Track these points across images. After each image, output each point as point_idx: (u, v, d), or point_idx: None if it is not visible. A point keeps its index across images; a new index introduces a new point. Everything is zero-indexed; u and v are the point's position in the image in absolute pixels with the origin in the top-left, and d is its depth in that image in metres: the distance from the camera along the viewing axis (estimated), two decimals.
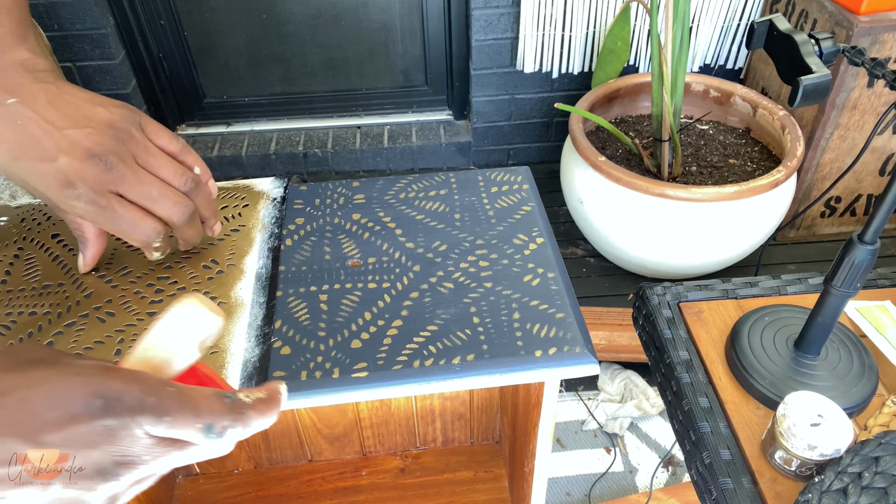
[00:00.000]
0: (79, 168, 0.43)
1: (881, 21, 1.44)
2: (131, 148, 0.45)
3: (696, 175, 1.60)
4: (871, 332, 0.69)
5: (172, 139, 0.49)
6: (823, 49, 0.57)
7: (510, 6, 1.79)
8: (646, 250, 1.54)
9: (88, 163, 0.43)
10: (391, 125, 2.13)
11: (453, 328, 0.50)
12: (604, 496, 1.31)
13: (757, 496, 0.56)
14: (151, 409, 0.32)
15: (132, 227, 0.46)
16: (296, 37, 1.96)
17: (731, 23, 1.83)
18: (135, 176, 0.45)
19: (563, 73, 1.91)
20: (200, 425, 0.33)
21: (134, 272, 0.56)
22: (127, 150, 0.45)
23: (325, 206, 0.62)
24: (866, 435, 0.57)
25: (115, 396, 0.31)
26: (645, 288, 0.76)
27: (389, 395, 0.47)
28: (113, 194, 0.44)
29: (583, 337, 0.50)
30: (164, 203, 0.46)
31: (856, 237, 0.56)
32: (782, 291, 0.75)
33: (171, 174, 0.47)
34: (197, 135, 2.11)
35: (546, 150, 2.11)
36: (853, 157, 1.63)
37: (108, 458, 0.31)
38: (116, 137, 0.45)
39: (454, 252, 0.57)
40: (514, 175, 0.66)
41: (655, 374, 0.72)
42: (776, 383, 0.63)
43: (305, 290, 0.54)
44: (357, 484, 0.86)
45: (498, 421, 0.87)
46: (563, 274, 0.55)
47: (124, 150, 0.45)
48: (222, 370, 0.48)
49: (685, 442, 0.64)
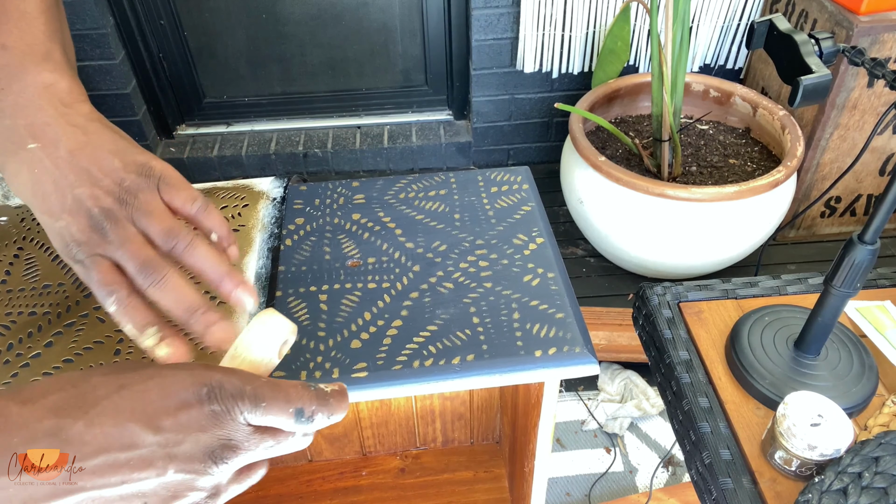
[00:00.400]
0: (74, 231, 0.42)
1: (881, 21, 1.44)
2: (133, 210, 0.43)
3: (696, 175, 1.60)
4: (871, 332, 0.69)
5: (188, 201, 0.45)
6: (823, 49, 0.57)
7: (510, 6, 1.79)
8: (646, 250, 1.54)
9: (85, 226, 0.42)
10: (391, 125, 2.13)
11: (453, 328, 0.50)
12: (604, 496, 1.31)
13: (757, 496, 0.56)
14: (249, 397, 0.35)
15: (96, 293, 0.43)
16: (296, 37, 1.96)
17: (731, 23, 1.83)
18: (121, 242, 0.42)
19: (563, 73, 1.91)
20: (292, 410, 0.36)
21: None
22: (126, 213, 0.43)
23: (325, 206, 0.62)
24: (866, 435, 0.57)
25: (218, 385, 0.35)
26: (645, 288, 0.76)
27: (389, 395, 0.47)
28: (97, 257, 0.42)
29: (583, 337, 0.50)
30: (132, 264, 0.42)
31: (856, 237, 0.56)
32: (782, 291, 0.75)
33: (157, 233, 0.43)
34: (197, 135, 2.11)
35: (546, 150, 2.11)
36: (853, 157, 1.63)
37: (216, 440, 0.35)
38: (121, 198, 0.43)
39: (454, 252, 0.57)
40: (513, 175, 0.66)
41: (655, 374, 0.72)
42: (776, 383, 0.63)
43: (305, 290, 0.54)
44: (357, 484, 0.86)
45: (498, 421, 0.87)
46: (563, 274, 0.55)
47: (123, 213, 0.43)
48: None
49: (685, 442, 0.64)
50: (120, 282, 0.42)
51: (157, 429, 0.34)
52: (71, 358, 0.50)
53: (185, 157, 2.03)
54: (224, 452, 0.35)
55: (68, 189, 0.43)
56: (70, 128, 0.44)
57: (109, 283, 0.41)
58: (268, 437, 0.37)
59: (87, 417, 0.33)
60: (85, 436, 0.33)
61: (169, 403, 0.34)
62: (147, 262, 0.41)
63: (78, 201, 0.43)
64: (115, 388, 0.35)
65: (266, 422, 0.36)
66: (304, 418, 0.37)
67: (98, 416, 0.34)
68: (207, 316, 0.41)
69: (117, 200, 0.43)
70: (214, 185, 0.64)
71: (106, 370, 0.36)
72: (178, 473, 0.34)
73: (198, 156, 2.03)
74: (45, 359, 0.50)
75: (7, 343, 0.51)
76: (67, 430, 0.33)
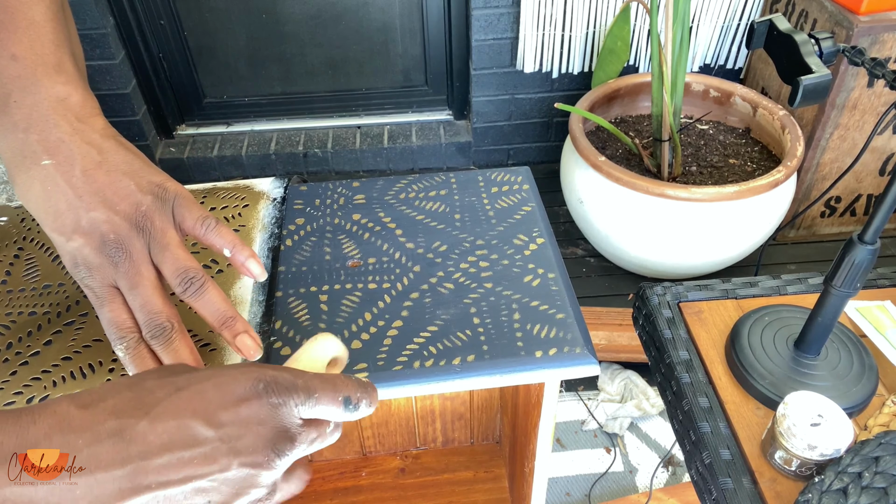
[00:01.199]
0: (87, 254, 0.43)
1: (881, 21, 1.44)
2: (150, 239, 0.44)
3: (696, 175, 1.60)
4: (871, 332, 0.69)
5: (198, 222, 0.45)
6: (823, 49, 0.57)
7: (510, 6, 1.79)
8: (646, 250, 1.54)
9: (98, 251, 0.43)
10: (391, 125, 2.13)
11: (453, 329, 0.50)
12: (604, 496, 1.31)
13: (757, 496, 0.56)
14: (303, 389, 0.37)
15: (105, 328, 0.43)
16: (296, 37, 1.96)
17: (731, 23, 1.83)
18: (133, 280, 0.43)
19: (563, 73, 1.91)
20: (341, 398, 0.38)
21: None
22: (143, 241, 0.44)
23: (326, 207, 0.62)
24: (866, 435, 0.57)
25: (272, 379, 0.37)
26: (645, 288, 0.76)
27: (390, 395, 0.47)
28: (108, 287, 0.43)
29: (583, 337, 0.50)
30: (141, 314, 0.43)
31: (856, 237, 0.56)
32: (782, 291, 0.75)
33: (170, 274, 0.44)
34: (197, 135, 2.11)
35: (546, 150, 2.11)
36: (853, 157, 1.63)
37: (275, 432, 0.36)
38: (137, 225, 0.44)
39: (454, 252, 0.57)
40: (514, 175, 0.66)
41: (655, 374, 0.72)
42: (776, 383, 0.63)
43: (305, 290, 0.54)
44: (357, 484, 0.86)
45: (498, 421, 0.87)
46: (564, 274, 0.55)
47: (141, 241, 0.43)
48: None
49: (685, 442, 0.64)
50: (130, 328, 0.43)
51: (218, 424, 0.35)
52: (70, 356, 0.50)
53: (185, 157, 2.03)
54: (283, 444, 0.36)
55: (83, 211, 0.43)
56: (85, 146, 0.44)
57: (121, 327, 0.43)
58: (313, 430, 0.38)
59: (148, 417, 0.34)
60: (148, 434, 0.34)
61: (227, 399, 0.35)
62: (155, 318, 0.43)
63: (93, 224, 0.43)
64: (173, 389, 0.36)
65: (317, 413, 0.38)
66: (352, 405, 0.39)
67: (159, 415, 0.34)
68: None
69: (134, 226, 0.43)
70: (214, 185, 0.64)
71: (159, 373, 0.37)
72: (242, 468, 0.35)
73: (198, 156, 2.03)
74: (45, 357, 0.50)
75: (6, 342, 0.51)
76: (130, 429, 0.33)
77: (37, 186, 0.43)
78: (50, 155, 0.43)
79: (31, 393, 0.48)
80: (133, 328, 0.43)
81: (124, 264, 0.43)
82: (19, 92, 0.44)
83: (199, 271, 0.44)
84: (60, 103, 0.44)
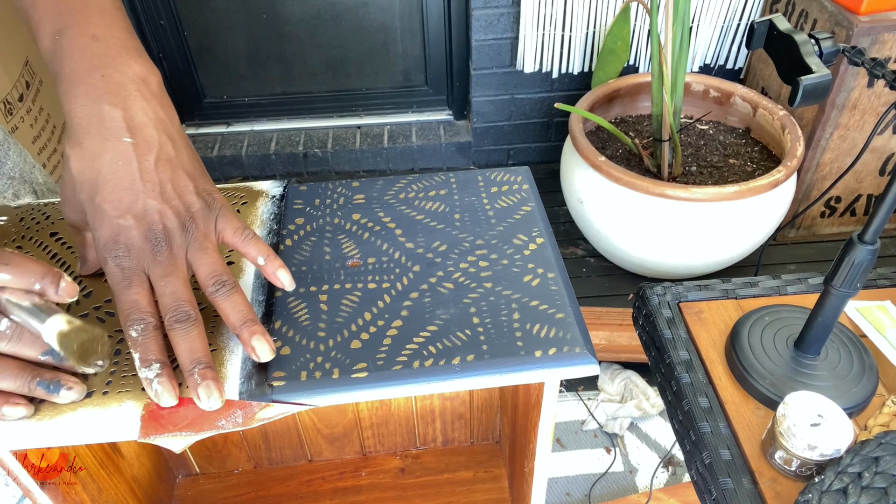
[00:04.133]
0: (133, 236, 0.44)
1: (881, 21, 1.44)
2: (190, 239, 0.46)
3: (696, 175, 1.60)
4: (871, 332, 0.69)
5: (238, 232, 0.48)
6: (823, 49, 0.57)
7: (510, 6, 1.79)
8: (646, 250, 1.54)
9: (143, 236, 0.45)
10: (391, 125, 2.13)
11: (453, 328, 0.50)
12: (604, 496, 1.31)
13: (757, 496, 0.56)
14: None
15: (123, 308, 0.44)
16: (296, 37, 1.96)
17: (731, 23, 1.83)
18: (168, 269, 0.45)
19: (563, 73, 1.91)
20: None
21: None
22: (185, 240, 0.46)
23: (325, 206, 0.62)
24: (866, 435, 0.57)
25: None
26: (645, 288, 0.76)
27: (389, 395, 0.47)
28: (140, 272, 0.45)
29: (583, 337, 0.50)
30: (170, 300, 0.44)
31: (856, 237, 0.56)
32: (782, 291, 0.75)
33: (205, 275, 0.46)
34: (197, 135, 2.11)
35: (546, 150, 2.11)
36: (853, 157, 1.63)
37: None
38: (184, 225, 0.46)
39: (454, 252, 0.57)
40: (514, 175, 0.66)
41: (655, 374, 0.72)
42: (776, 383, 0.63)
43: (305, 290, 0.54)
44: (357, 484, 0.86)
45: (498, 421, 0.87)
46: (563, 274, 0.55)
47: (182, 239, 0.46)
48: (221, 368, 0.48)
49: (685, 442, 0.64)
50: (151, 313, 0.44)
51: None
52: None
53: None
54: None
55: (142, 195, 0.45)
56: (164, 136, 0.47)
57: (143, 310, 0.44)
58: None
59: None
60: None
61: None
62: (182, 306, 0.44)
63: (147, 210, 0.45)
64: None
65: None
66: None
67: None
68: (206, 371, 0.44)
69: (181, 224, 0.46)
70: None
71: None
72: None
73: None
74: None
75: None
76: None
77: (107, 157, 0.45)
78: (132, 134, 0.45)
79: None
80: (153, 314, 0.44)
81: (163, 254, 0.45)
82: (107, 68, 0.46)
83: (231, 276, 0.46)
84: (146, 86, 0.47)
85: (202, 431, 0.45)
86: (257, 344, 0.46)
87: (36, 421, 0.45)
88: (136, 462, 0.75)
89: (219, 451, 0.85)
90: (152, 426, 0.45)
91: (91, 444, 0.65)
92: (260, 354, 0.46)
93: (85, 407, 0.45)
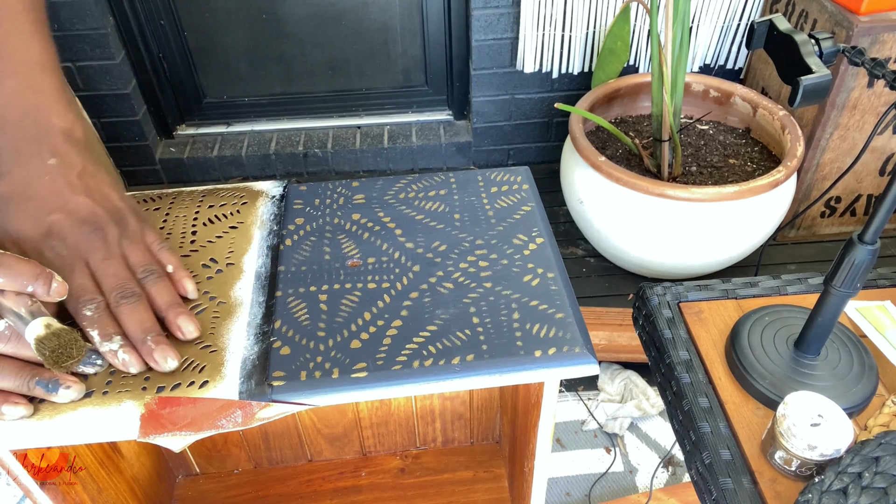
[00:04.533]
0: (65, 226, 0.48)
1: (881, 21, 1.44)
2: (122, 232, 0.50)
3: (696, 175, 1.60)
4: (871, 332, 0.69)
5: (157, 240, 0.53)
6: (823, 49, 0.57)
7: (510, 6, 1.79)
8: (646, 250, 1.54)
9: (76, 226, 0.48)
10: (391, 125, 2.13)
11: (453, 328, 0.50)
12: (604, 496, 1.31)
13: (757, 496, 0.56)
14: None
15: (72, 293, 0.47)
16: (296, 37, 1.96)
17: (731, 23, 1.83)
18: (106, 254, 0.49)
19: (563, 73, 1.91)
20: None
21: None
22: (118, 231, 0.50)
23: (325, 206, 0.62)
24: (866, 435, 0.57)
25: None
26: (645, 288, 0.76)
27: (389, 395, 0.47)
28: (79, 259, 0.48)
29: (582, 337, 0.50)
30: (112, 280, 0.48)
31: (856, 237, 0.56)
32: (782, 291, 0.75)
33: (136, 262, 0.50)
34: (197, 135, 2.11)
35: (546, 150, 2.11)
36: (853, 157, 1.63)
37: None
38: (114, 219, 0.50)
39: (454, 252, 0.57)
40: (513, 175, 0.66)
41: (655, 374, 0.72)
42: (776, 383, 0.63)
43: (305, 290, 0.54)
44: (357, 484, 0.86)
45: (498, 421, 0.87)
46: (563, 274, 0.55)
47: (116, 230, 0.50)
48: (221, 368, 0.48)
49: (685, 442, 0.64)
50: (98, 292, 0.48)
51: None
52: None
53: (185, 157, 2.03)
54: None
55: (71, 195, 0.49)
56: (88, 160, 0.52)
57: (91, 291, 0.47)
58: None
59: None
60: None
61: None
62: (125, 284, 0.48)
63: (78, 207, 0.49)
64: None
65: None
66: None
67: None
68: (158, 338, 0.48)
69: (112, 219, 0.50)
70: (215, 186, 0.65)
71: None
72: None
73: (198, 156, 2.03)
74: None
75: None
76: None
77: (36, 176, 0.49)
78: (57, 157, 0.50)
79: None
80: (100, 293, 0.48)
81: (98, 241, 0.49)
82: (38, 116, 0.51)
83: (159, 267, 0.51)
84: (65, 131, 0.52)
85: (202, 431, 0.45)
86: (183, 322, 0.49)
87: (36, 421, 0.45)
88: (136, 462, 0.75)
89: (219, 451, 0.85)
90: (152, 425, 0.45)
91: (91, 444, 0.65)
92: (185, 332, 0.49)
93: (85, 406, 0.45)
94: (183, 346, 0.49)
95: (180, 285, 0.52)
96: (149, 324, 0.48)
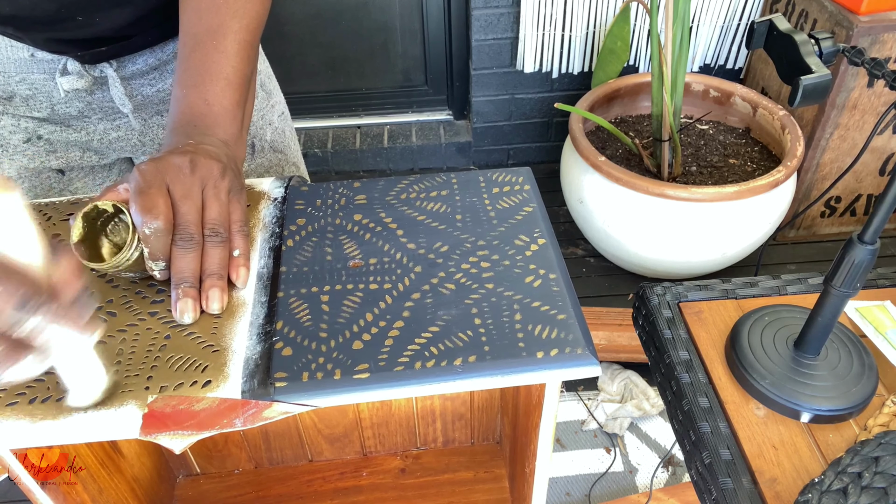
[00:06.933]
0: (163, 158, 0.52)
1: (881, 21, 1.45)
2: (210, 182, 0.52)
3: (696, 175, 1.60)
4: (871, 332, 0.69)
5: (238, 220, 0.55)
6: (823, 49, 0.57)
7: (510, 6, 1.79)
8: (646, 250, 1.54)
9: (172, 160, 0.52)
10: (391, 125, 2.13)
11: (455, 329, 0.50)
12: (604, 496, 1.31)
13: (757, 496, 0.56)
14: None
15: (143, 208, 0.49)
16: (296, 37, 1.96)
17: (731, 23, 1.83)
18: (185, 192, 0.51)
19: (563, 73, 1.91)
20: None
21: None
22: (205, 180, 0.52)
23: (327, 207, 0.62)
24: (866, 435, 0.57)
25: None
26: (645, 288, 0.76)
27: (391, 396, 0.47)
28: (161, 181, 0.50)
29: (584, 338, 0.50)
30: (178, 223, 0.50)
31: (856, 237, 0.56)
32: (782, 291, 0.75)
33: (209, 218, 0.52)
34: None
35: (546, 150, 2.11)
36: (853, 157, 1.64)
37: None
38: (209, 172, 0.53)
39: (455, 253, 0.57)
40: (515, 176, 0.66)
41: (655, 374, 0.72)
42: (776, 383, 0.63)
43: (307, 290, 0.54)
44: (357, 484, 0.86)
45: (498, 421, 0.88)
46: (565, 275, 0.55)
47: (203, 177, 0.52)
48: (224, 367, 0.48)
49: (685, 442, 0.64)
50: (168, 217, 0.50)
51: None
52: None
53: None
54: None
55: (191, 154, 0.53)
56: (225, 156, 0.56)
57: (164, 212, 0.49)
58: None
59: None
60: None
61: None
62: (188, 227, 0.50)
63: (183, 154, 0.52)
64: None
65: None
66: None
67: None
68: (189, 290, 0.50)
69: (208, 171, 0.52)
70: None
71: None
72: None
73: None
74: None
75: None
76: None
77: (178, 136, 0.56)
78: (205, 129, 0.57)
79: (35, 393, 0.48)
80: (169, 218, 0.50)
81: (185, 176, 0.51)
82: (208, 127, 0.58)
83: (227, 232, 0.53)
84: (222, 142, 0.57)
85: (203, 431, 0.45)
86: (213, 295, 0.51)
87: (36, 421, 0.45)
88: (137, 462, 0.75)
89: (219, 451, 0.85)
90: (154, 425, 0.45)
91: (92, 444, 0.65)
92: (210, 305, 0.51)
93: None
94: (185, 345, 0.49)
95: (235, 270, 0.53)
96: (197, 271, 0.50)
